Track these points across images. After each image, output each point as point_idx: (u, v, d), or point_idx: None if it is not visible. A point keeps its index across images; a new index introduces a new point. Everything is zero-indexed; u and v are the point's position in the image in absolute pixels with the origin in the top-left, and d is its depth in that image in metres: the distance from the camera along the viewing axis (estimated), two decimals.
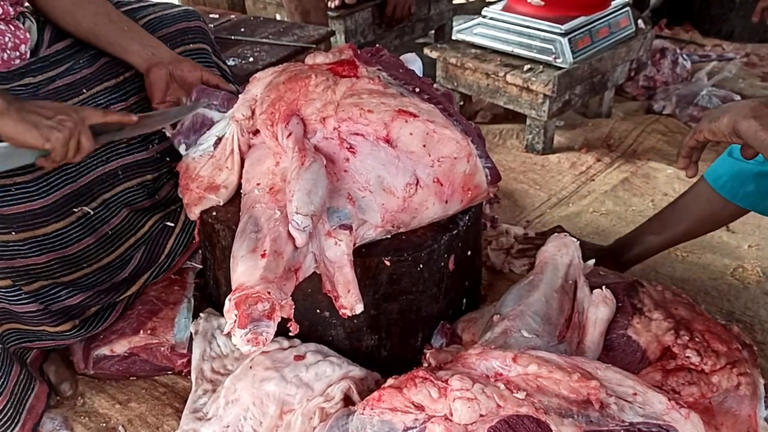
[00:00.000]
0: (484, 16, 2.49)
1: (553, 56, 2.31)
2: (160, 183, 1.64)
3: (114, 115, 1.41)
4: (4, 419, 1.32)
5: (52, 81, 1.47)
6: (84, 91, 1.51)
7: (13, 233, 1.36)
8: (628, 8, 2.52)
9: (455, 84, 2.55)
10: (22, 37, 1.43)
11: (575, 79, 2.36)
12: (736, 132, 1.21)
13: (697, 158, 1.36)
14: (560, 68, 2.30)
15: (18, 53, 1.41)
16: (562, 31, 2.29)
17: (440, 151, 1.34)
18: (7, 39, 1.39)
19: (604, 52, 2.43)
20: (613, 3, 2.48)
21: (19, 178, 1.37)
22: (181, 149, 1.52)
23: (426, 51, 2.58)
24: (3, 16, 1.39)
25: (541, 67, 2.34)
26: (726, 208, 1.60)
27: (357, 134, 1.32)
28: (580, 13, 2.35)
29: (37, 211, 1.39)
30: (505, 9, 2.46)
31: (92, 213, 1.49)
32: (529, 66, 2.35)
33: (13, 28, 1.42)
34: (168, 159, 1.63)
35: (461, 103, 2.65)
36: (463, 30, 2.54)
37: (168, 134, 1.55)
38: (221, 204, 1.46)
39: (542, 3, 2.35)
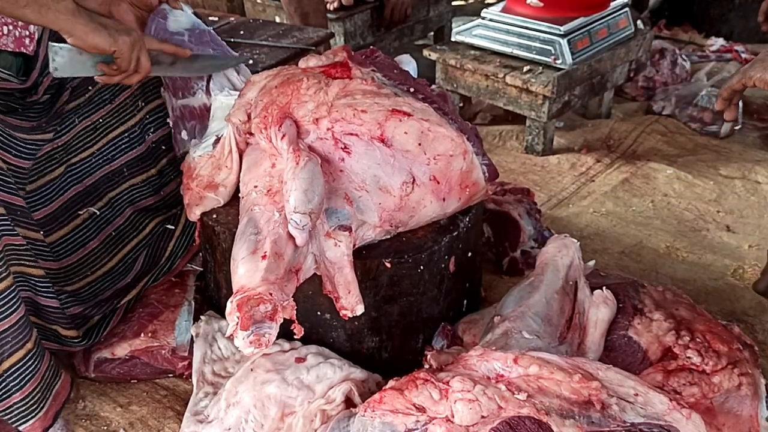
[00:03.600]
0: (483, 18, 2.49)
1: (553, 57, 2.31)
2: (166, 178, 1.65)
3: (169, 45, 1.47)
4: (32, 403, 1.33)
5: (65, 88, 1.49)
6: (90, 88, 1.54)
7: (42, 233, 1.39)
8: (627, 9, 2.52)
9: (455, 85, 2.55)
10: None
11: (575, 80, 2.36)
12: None
13: (737, 101, 1.33)
14: (560, 69, 2.30)
15: (28, 32, 1.43)
16: (562, 32, 2.30)
17: (435, 149, 1.34)
18: None
19: (604, 53, 2.43)
20: (612, 4, 2.48)
21: (28, 186, 1.39)
22: (183, 134, 1.56)
23: (425, 53, 2.58)
24: None
25: (541, 68, 2.34)
26: None
27: (351, 134, 1.32)
28: (579, 14, 2.35)
29: (41, 220, 1.41)
30: (504, 10, 2.46)
31: (98, 213, 1.50)
32: (528, 67, 2.35)
33: None
34: (164, 147, 1.65)
35: (461, 104, 2.65)
36: (462, 31, 2.54)
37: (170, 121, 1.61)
38: (221, 203, 1.46)
39: (541, 4, 2.36)
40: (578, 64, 2.33)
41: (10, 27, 1.39)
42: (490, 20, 2.47)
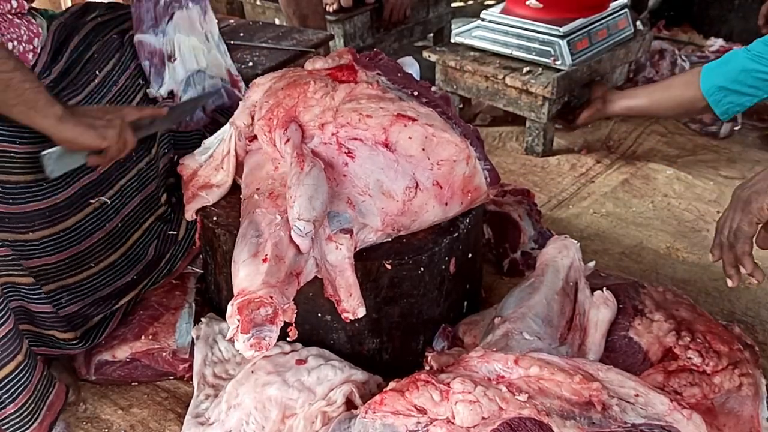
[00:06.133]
0: (483, 19, 2.49)
1: (552, 58, 2.31)
2: (161, 152, 1.65)
3: (147, 110, 1.50)
4: (26, 414, 1.33)
5: (77, 92, 1.49)
6: (97, 73, 1.53)
7: (31, 233, 1.38)
8: (626, 10, 2.52)
9: (454, 87, 2.55)
10: (35, 31, 1.46)
11: (574, 81, 2.36)
12: None
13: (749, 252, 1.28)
14: (559, 70, 2.31)
15: (32, 46, 1.44)
16: (561, 33, 2.30)
17: (439, 154, 1.34)
18: (22, 32, 1.42)
19: (603, 54, 2.43)
20: (611, 5, 2.48)
21: (42, 174, 1.37)
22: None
23: (425, 54, 2.58)
24: (18, 10, 1.42)
25: (540, 69, 2.34)
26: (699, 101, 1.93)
27: (355, 139, 1.32)
28: (578, 15, 2.36)
29: (60, 204, 1.40)
30: (503, 12, 2.46)
31: (109, 203, 1.50)
32: (528, 68, 2.35)
33: (26, 22, 1.45)
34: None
35: (460, 105, 2.65)
36: (462, 33, 2.54)
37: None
38: (210, 202, 1.47)
39: (541, 5, 2.36)
40: (578, 65, 2.33)
41: (15, 43, 1.39)
42: (490, 21, 2.47)
